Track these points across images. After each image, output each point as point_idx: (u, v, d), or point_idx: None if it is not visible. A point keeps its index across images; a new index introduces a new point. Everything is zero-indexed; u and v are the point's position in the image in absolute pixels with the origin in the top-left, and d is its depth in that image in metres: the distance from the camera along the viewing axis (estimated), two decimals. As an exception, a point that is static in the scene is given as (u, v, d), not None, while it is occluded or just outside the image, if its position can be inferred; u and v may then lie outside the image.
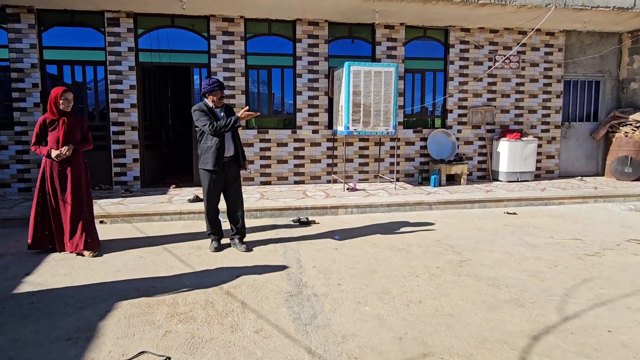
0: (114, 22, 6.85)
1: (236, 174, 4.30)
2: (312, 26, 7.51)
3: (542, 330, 2.63)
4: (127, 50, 6.94)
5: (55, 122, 3.90)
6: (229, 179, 4.24)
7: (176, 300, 3.06)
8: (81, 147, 4.04)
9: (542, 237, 4.77)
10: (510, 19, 7.57)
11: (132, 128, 7.08)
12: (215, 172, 4.09)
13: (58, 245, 4.02)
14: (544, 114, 8.59)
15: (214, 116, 4.06)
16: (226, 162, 4.17)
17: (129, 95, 7.02)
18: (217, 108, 4.15)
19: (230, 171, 4.23)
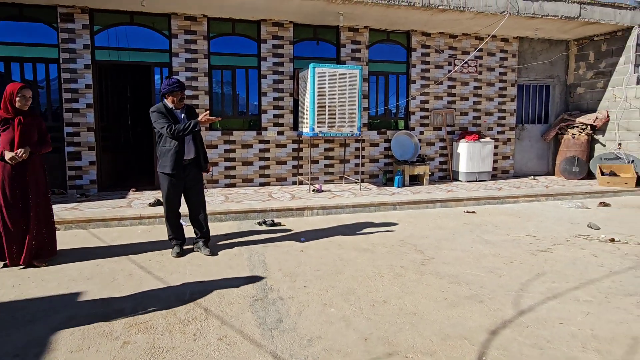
0: (67, 17, 6.51)
1: (197, 177, 4.19)
2: (277, 27, 7.48)
3: (499, 325, 2.75)
4: (83, 48, 6.62)
5: (10, 122, 3.57)
6: (190, 182, 4.12)
7: (135, 309, 2.95)
8: (39, 150, 3.72)
9: (499, 234, 4.98)
10: (468, 25, 7.87)
11: (88, 129, 6.77)
12: (174, 175, 3.97)
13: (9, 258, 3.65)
14: (500, 117, 9.00)
15: (173, 118, 3.93)
16: (186, 164, 4.05)
17: (84, 95, 6.70)
18: (177, 109, 4.01)
19: (190, 174, 4.11)
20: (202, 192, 4.25)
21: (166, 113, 3.90)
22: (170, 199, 4.05)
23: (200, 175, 4.23)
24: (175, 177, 3.98)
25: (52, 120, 6.76)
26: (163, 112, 3.89)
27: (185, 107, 4.10)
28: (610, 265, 3.91)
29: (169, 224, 4.15)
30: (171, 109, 3.97)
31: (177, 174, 3.97)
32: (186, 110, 4.10)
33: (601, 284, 3.45)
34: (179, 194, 4.12)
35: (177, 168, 3.93)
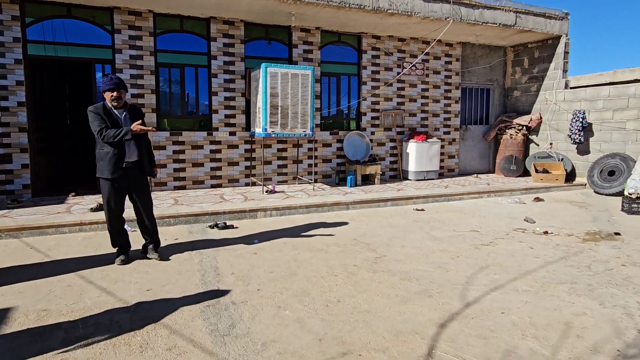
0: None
1: (141, 180, 3.96)
2: (228, 25, 7.32)
3: (447, 318, 2.87)
4: (12, 41, 6.09)
5: None
6: (134, 186, 3.90)
7: (75, 323, 2.76)
8: None
9: (446, 230, 5.21)
10: (415, 29, 8.16)
11: (20, 129, 6.24)
12: (114, 180, 3.74)
13: None
14: (445, 118, 9.42)
15: (111, 119, 3.70)
16: (128, 167, 3.82)
17: (15, 93, 6.17)
18: (117, 109, 3.78)
19: (133, 177, 3.88)
20: (148, 196, 4.02)
21: (103, 114, 3.66)
22: (111, 205, 3.80)
23: (145, 179, 4.01)
24: (116, 182, 3.76)
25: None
26: (99, 113, 3.65)
27: (128, 107, 3.87)
28: (544, 256, 4.21)
29: (112, 231, 3.92)
30: (110, 109, 3.74)
31: (118, 179, 3.75)
32: (129, 110, 3.87)
33: (537, 274, 3.71)
34: (122, 199, 3.89)
35: (117, 172, 3.71)
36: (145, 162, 3.96)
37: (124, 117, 3.80)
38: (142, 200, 3.97)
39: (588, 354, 2.42)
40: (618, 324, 2.78)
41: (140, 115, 3.95)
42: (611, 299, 3.17)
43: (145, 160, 3.95)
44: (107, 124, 3.65)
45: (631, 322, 2.80)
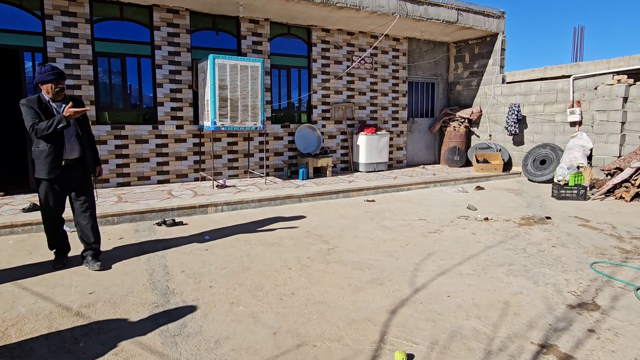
0: None
1: (83, 180, 3.65)
2: (172, 14, 7.01)
3: (398, 304, 2.98)
4: None
5: None
6: (74, 186, 3.60)
7: (7, 332, 2.54)
8: None
9: (396, 220, 5.39)
10: (364, 23, 8.28)
11: None
12: (53, 180, 3.45)
13: None
14: (394, 111, 9.69)
15: (47, 113, 3.39)
16: (68, 165, 3.52)
17: None
18: (55, 102, 3.47)
19: (74, 176, 3.58)
20: (91, 198, 3.71)
21: (37, 108, 3.34)
22: (49, 206, 3.50)
23: (87, 177, 3.69)
24: (54, 182, 3.46)
25: None
26: (33, 107, 3.33)
27: (67, 98, 3.54)
28: (485, 241, 4.49)
29: (49, 233, 3.62)
30: (47, 102, 3.42)
31: (57, 178, 3.45)
32: (68, 103, 3.52)
33: (479, 258, 3.95)
34: (61, 200, 3.58)
35: (55, 171, 3.42)
36: (89, 160, 3.66)
37: (62, 110, 3.43)
38: (84, 202, 3.66)
39: (524, 329, 2.62)
40: (550, 300, 3.04)
41: (82, 105, 3.62)
42: (543, 278, 3.44)
43: (88, 158, 3.65)
44: (42, 119, 3.33)
45: (560, 298, 3.07)
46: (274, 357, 2.33)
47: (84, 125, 3.65)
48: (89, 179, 3.71)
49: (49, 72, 3.35)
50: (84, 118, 3.64)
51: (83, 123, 3.64)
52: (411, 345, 2.44)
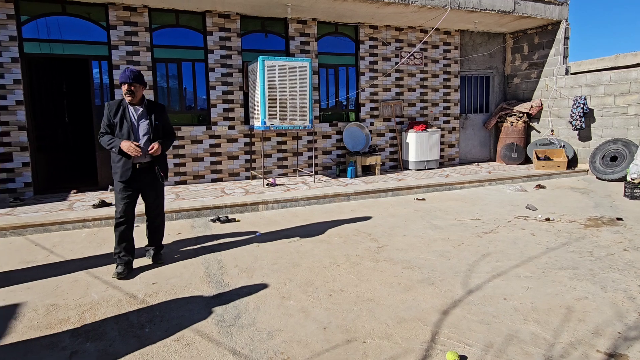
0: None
1: (153, 184, 3.71)
2: (223, 19, 7.28)
3: (450, 305, 2.90)
4: (8, 40, 6.07)
5: None
6: (145, 189, 3.69)
7: (83, 317, 2.79)
8: None
9: (448, 219, 5.23)
10: (413, 18, 8.11)
11: (19, 128, 6.24)
12: (125, 182, 3.55)
13: None
14: (445, 107, 9.39)
15: (121, 116, 3.46)
16: (140, 169, 3.60)
17: (13, 91, 6.16)
18: (133, 105, 3.52)
19: (145, 180, 3.65)
20: (159, 201, 3.80)
21: (113, 112, 3.46)
22: (119, 206, 3.58)
23: (158, 182, 3.75)
24: (127, 184, 3.57)
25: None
26: (110, 111, 3.46)
27: (146, 103, 3.58)
28: (546, 242, 4.23)
29: (117, 233, 3.59)
30: (127, 105, 3.50)
31: (129, 181, 3.54)
32: (147, 107, 3.59)
33: (539, 260, 3.73)
34: (131, 202, 3.62)
35: (126, 174, 3.51)
36: (159, 164, 3.68)
37: (139, 114, 3.54)
38: (153, 203, 3.78)
39: (589, 336, 2.45)
40: (619, 307, 2.81)
41: (160, 111, 3.67)
42: (613, 283, 3.19)
43: (158, 162, 3.68)
44: (111, 124, 3.47)
45: (632, 305, 2.83)
46: (324, 351, 2.36)
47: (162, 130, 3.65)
48: (159, 183, 3.77)
49: (122, 74, 3.43)
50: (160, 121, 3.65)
51: (159, 127, 3.63)
52: (464, 347, 2.37)
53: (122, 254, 3.57)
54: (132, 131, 3.49)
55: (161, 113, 3.68)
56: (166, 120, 3.74)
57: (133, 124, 3.52)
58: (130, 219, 3.64)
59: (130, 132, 3.47)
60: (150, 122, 3.57)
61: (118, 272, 3.46)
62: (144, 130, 3.55)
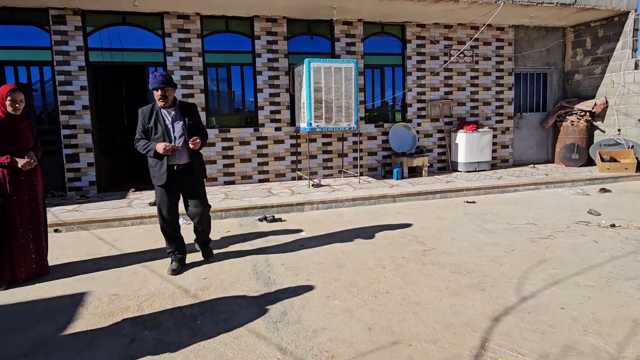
0: (59, 19, 6.48)
1: (193, 184, 3.67)
2: (270, 23, 7.45)
3: (502, 312, 2.77)
4: (76, 50, 6.60)
5: (6, 126, 3.31)
6: (186, 190, 3.68)
7: (141, 307, 2.96)
8: (38, 155, 3.54)
9: (500, 223, 5.00)
10: (462, 15, 7.84)
11: (85, 131, 6.76)
12: (164, 186, 3.54)
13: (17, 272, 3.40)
14: (498, 106, 8.99)
15: (155, 120, 3.48)
16: (178, 171, 3.57)
17: (80, 97, 6.69)
18: (166, 108, 3.53)
19: (185, 181, 3.63)
20: (202, 201, 3.73)
21: (147, 118, 3.49)
22: (161, 209, 3.60)
23: (198, 182, 3.71)
24: (165, 187, 3.55)
25: (49, 123, 6.75)
26: (145, 117, 3.51)
27: (178, 104, 3.60)
28: (611, 250, 3.92)
29: (165, 235, 3.71)
30: (159, 109, 3.52)
31: (167, 183, 3.53)
32: (180, 108, 3.60)
33: (602, 269, 3.47)
34: (173, 205, 3.64)
35: (164, 178, 3.49)
36: (197, 165, 3.65)
37: (172, 117, 3.55)
38: (195, 205, 3.71)
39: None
40: (697, 322, 2.54)
41: (192, 110, 3.68)
42: (689, 296, 2.90)
43: (196, 163, 3.64)
44: (146, 130, 3.51)
45: None
46: (369, 352, 2.34)
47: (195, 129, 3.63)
48: (199, 182, 3.72)
49: (153, 79, 3.40)
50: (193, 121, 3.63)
51: (192, 127, 3.61)
52: (516, 355, 2.25)
53: (174, 252, 3.69)
54: (166, 134, 3.49)
55: (194, 113, 3.68)
56: (198, 119, 3.73)
57: (167, 127, 3.51)
58: (173, 221, 3.67)
59: (165, 135, 3.48)
60: (185, 123, 3.55)
61: (172, 269, 3.59)
62: (179, 132, 3.54)
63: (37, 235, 3.53)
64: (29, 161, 3.37)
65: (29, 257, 3.47)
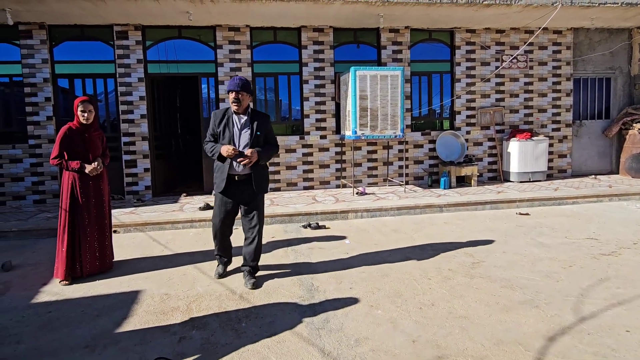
0: (122, 35, 6.98)
1: (252, 198, 3.47)
2: (317, 32, 7.57)
3: (558, 331, 2.59)
4: (136, 62, 7.06)
5: (79, 134, 3.64)
6: (243, 200, 3.50)
7: (190, 307, 3.08)
8: (105, 162, 3.85)
9: (556, 237, 4.70)
10: (516, 19, 7.54)
11: (142, 138, 7.19)
12: (223, 193, 3.46)
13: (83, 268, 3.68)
14: (554, 113, 8.50)
15: (225, 125, 3.40)
16: (239, 181, 3.44)
17: (138, 107, 7.14)
18: (237, 114, 3.42)
19: (244, 194, 3.47)
20: (259, 215, 3.51)
21: (217, 120, 3.42)
22: (218, 217, 3.53)
23: (257, 196, 3.50)
24: (225, 195, 3.47)
25: (111, 131, 7.26)
26: (216, 119, 3.43)
27: (250, 112, 3.45)
28: (685, 269, 3.56)
29: (214, 239, 3.67)
30: (232, 114, 3.42)
31: (226, 191, 3.44)
32: (250, 116, 3.44)
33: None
34: (227, 216, 3.54)
35: (222, 185, 3.40)
36: (257, 177, 3.43)
37: (242, 124, 3.41)
38: (251, 219, 3.50)
39: None
40: None
41: (264, 121, 3.49)
42: None
43: (257, 175, 3.43)
44: (215, 133, 3.44)
45: None
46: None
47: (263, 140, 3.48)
48: (258, 197, 3.51)
49: (230, 82, 3.35)
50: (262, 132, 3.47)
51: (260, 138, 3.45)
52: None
53: (221, 256, 3.74)
54: (232, 140, 3.39)
55: (265, 123, 3.50)
56: (269, 131, 3.56)
57: (235, 133, 3.41)
58: (225, 231, 3.62)
59: (231, 141, 3.39)
60: (252, 132, 3.40)
61: (219, 273, 3.67)
62: (245, 141, 3.40)
63: (102, 236, 3.82)
64: (95, 167, 3.67)
65: (93, 255, 3.75)
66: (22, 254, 4.51)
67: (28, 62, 6.78)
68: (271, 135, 3.61)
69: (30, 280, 3.70)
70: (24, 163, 6.88)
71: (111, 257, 3.98)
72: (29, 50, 6.76)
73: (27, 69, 6.79)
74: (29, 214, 6.09)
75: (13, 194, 6.90)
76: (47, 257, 4.31)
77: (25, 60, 6.78)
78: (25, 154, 6.88)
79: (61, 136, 3.59)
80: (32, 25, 6.72)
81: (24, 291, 3.46)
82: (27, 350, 2.52)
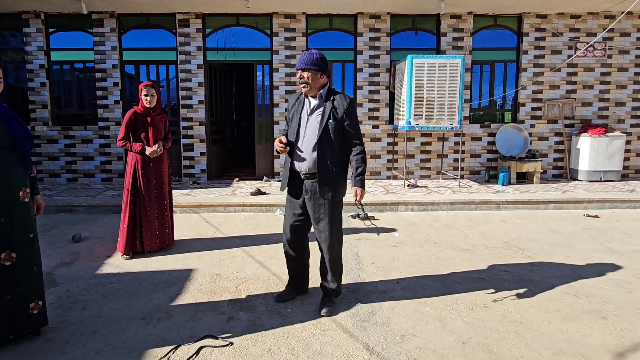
0: (184, 23, 7.24)
1: (318, 203, 2.67)
2: (374, 19, 7.37)
3: (628, 347, 2.35)
4: (196, 50, 7.30)
5: (143, 118, 3.80)
6: (311, 208, 2.71)
7: (239, 289, 3.16)
8: (167, 145, 4.00)
9: (630, 243, 4.27)
10: (595, 2, 6.86)
11: (199, 123, 7.46)
12: (289, 193, 2.83)
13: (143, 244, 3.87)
14: (635, 107, 7.70)
15: (295, 110, 2.76)
16: (305, 181, 2.70)
17: (197, 93, 7.40)
18: (309, 97, 2.71)
19: (313, 198, 2.68)
20: (328, 226, 2.69)
21: (290, 104, 2.83)
22: (285, 225, 2.86)
23: (324, 202, 2.66)
24: (291, 196, 2.81)
25: (171, 116, 7.60)
26: (291, 103, 2.82)
27: (324, 95, 2.66)
28: None
29: (285, 255, 2.95)
30: (304, 98, 2.75)
31: (292, 193, 2.79)
32: (325, 100, 2.66)
33: None
34: (296, 224, 2.79)
35: (285, 183, 2.80)
36: (323, 177, 2.60)
37: (312, 109, 2.69)
38: (320, 231, 2.73)
39: None
40: None
41: (343, 107, 2.60)
42: None
43: (323, 174, 2.60)
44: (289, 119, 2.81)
45: None
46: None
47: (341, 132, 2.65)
48: (325, 204, 2.67)
49: (299, 59, 2.65)
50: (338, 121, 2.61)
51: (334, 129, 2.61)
52: (650, 403, 1.88)
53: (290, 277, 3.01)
54: (298, 130, 2.70)
55: (344, 110, 2.60)
56: (351, 119, 2.63)
57: (302, 121, 2.70)
58: (297, 247, 2.85)
59: (297, 131, 2.71)
60: (321, 120, 2.62)
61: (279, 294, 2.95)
62: (312, 131, 2.64)
63: (162, 215, 3.99)
64: (155, 150, 3.83)
65: (154, 233, 3.94)
66: (90, 228, 4.87)
67: (99, 49, 7.25)
68: (355, 127, 2.67)
69: (96, 252, 3.99)
70: (94, 143, 7.42)
71: (171, 236, 4.16)
72: (100, 38, 7.22)
73: (99, 55, 7.26)
74: (97, 191, 6.57)
75: (84, 172, 7.48)
76: (111, 232, 4.62)
77: (97, 47, 7.25)
78: (95, 135, 7.41)
79: (127, 119, 3.80)
80: (103, 14, 7.16)
81: (90, 262, 3.73)
82: (91, 317, 2.71)
